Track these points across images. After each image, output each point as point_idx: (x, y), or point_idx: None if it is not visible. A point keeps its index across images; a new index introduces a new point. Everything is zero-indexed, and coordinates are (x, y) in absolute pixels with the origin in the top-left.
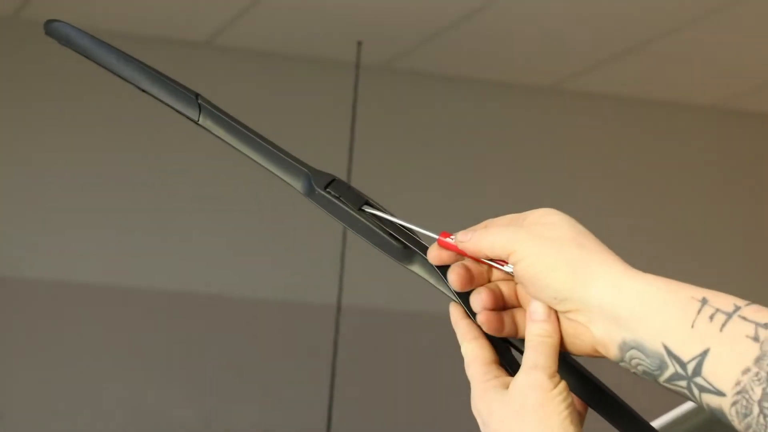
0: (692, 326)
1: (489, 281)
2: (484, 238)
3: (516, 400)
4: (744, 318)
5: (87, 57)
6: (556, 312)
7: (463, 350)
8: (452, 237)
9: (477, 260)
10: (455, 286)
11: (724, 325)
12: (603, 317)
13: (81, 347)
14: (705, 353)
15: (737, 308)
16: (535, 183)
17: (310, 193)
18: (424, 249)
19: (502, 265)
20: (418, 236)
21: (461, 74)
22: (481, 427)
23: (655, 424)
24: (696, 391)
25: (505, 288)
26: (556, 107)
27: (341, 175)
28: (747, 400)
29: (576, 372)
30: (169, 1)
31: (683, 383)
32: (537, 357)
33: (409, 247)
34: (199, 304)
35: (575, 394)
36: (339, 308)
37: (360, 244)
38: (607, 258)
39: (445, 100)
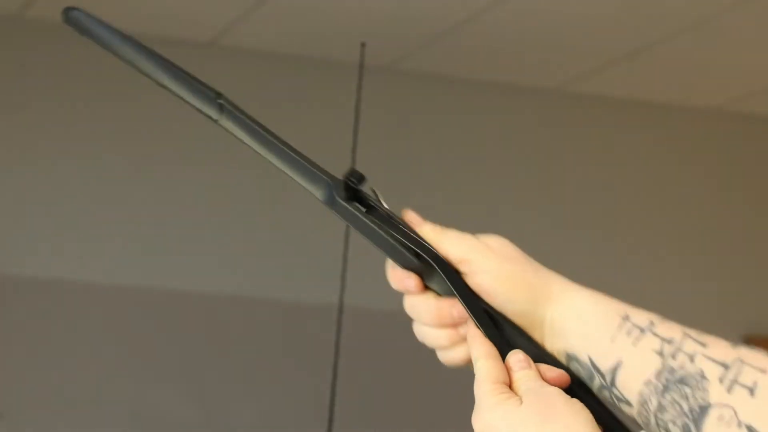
0: (611, 340)
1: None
2: (441, 242)
3: (540, 403)
4: (655, 333)
5: (106, 48)
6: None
7: (476, 368)
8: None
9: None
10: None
11: (637, 339)
12: (552, 332)
13: (81, 347)
14: (618, 365)
15: (652, 324)
16: (539, 184)
17: (330, 203)
18: (445, 266)
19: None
20: (438, 253)
21: (465, 76)
22: None
23: None
24: (615, 401)
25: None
26: (560, 109)
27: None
28: (646, 411)
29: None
30: (173, 1)
31: (607, 393)
32: (538, 381)
33: (429, 264)
34: (198, 304)
35: None
36: (341, 308)
37: (363, 243)
38: (556, 276)
39: (449, 102)
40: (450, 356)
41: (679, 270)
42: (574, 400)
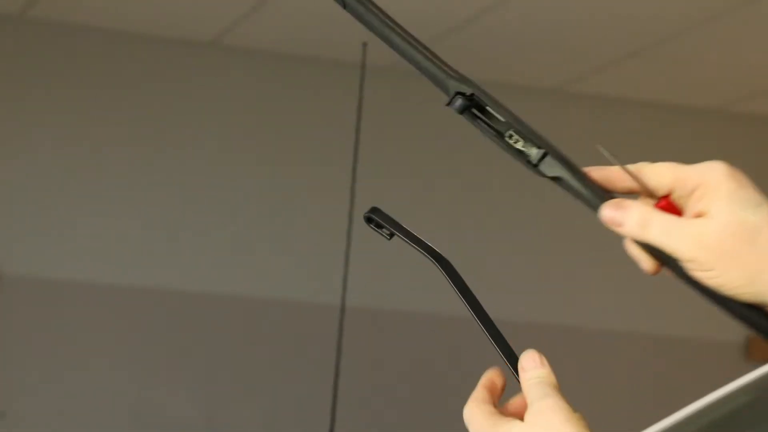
0: None
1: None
2: (643, 227)
3: (540, 421)
4: None
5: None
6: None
7: (466, 408)
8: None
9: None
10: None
11: None
12: None
13: (82, 346)
14: None
15: None
16: (539, 183)
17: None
18: (448, 267)
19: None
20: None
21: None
22: None
23: (659, 425)
24: None
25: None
26: (561, 109)
27: (346, 176)
28: None
29: None
30: (174, 1)
31: None
32: (545, 389)
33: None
34: (200, 303)
35: None
36: (343, 309)
37: (365, 243)
38: None
39: None
40: None
41: None
42: (577, 414)
